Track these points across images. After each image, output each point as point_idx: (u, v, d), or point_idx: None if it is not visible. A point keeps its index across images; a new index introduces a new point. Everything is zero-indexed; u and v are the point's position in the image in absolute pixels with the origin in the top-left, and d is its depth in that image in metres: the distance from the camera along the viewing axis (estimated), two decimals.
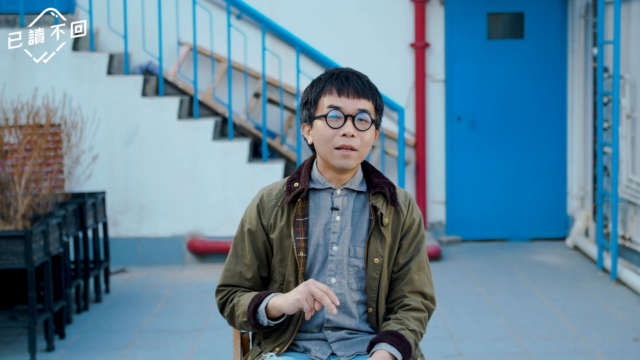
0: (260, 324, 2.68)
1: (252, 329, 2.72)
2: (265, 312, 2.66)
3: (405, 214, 2.76)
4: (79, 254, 6.00)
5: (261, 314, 2.67)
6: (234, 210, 7.38)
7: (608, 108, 7.14)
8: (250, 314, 2.67)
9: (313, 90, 2.72)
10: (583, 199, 8.09)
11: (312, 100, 2.71)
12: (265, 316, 2.66)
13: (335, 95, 2.68)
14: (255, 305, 2.67)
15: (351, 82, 2.68)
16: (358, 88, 2.68)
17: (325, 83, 2.70)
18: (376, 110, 2.73)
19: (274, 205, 2.76)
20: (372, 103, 2.71)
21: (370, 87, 2.72)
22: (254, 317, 2.67)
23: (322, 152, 2.71)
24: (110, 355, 5.13)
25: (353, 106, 2.67)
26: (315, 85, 2.72)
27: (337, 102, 2.67)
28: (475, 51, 8.14)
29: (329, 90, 2.69)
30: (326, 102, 2.68)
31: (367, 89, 2.70)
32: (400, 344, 2.61)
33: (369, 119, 2.69)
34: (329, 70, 2.75)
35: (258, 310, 2.67)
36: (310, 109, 2.72)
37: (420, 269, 2.76)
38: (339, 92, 2.67)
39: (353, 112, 2.67)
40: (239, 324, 2.75)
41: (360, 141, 2.68)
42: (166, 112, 7.41)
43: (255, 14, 7.74)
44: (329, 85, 2.69)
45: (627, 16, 6.88)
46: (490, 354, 5.05)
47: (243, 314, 2.71)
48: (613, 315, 5.77)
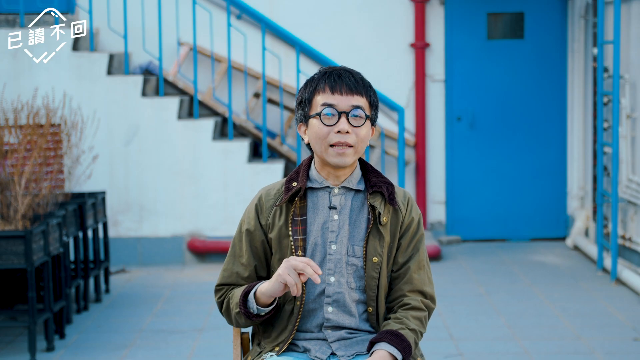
0: (251, 312, 2.68)
1: (244, 320, 2.71)
2: (254, 299, 2.66)
3: (404, 213, 2.76)
4: (79, 254, 5.99)
5: (251, 301, 2.67)
6: (234, 210, 7.38)
7: (608, 108, 7.14)
8: (241, 303, 2.67)
9: (307, 90, 2.73)
10: (583, 199, 8.09)
11: (306, 100, 2.72)
12: (255, 303, 2.66)
13: (329, 93, 2.68)
14: (245, 294, 2.68)
15: (344, 79, 2.69)
16: (351, 84, 2.69)
17: (318, 82, 2.71)
18: (370, 106, 2.73)
19: (272, 205, 2.76)
20: (366, 99, 2.71)
21: (364, 83, 2.72)
22: (245, 306, 2.68)
23: (318, 150, 2.71)
24: (110, 355, 5.13)
25: (346, 103, 2.68)
26: (309, 85, 2.73)
27: (331, 100, 2.68)
28: (475, 51, 8.14)
29: (322, 89, 2.69)
30: (320, 101, 2.69)
31: (360, 85, 2.70)
32: (399, 344, 2.61)
33: (363, 115, 2.69)
34: (322, 68, 2.75)
35: (248, 298, 2.68)
36: (305, 108, 2.73)
37: (420, 268, 2.76)
38: (332, 90, 2.68)
39: (347, 109, 2.68)
40: (234, 318, 2.75)
41: (356, 137, 2.68)
42: (166, 112, 7.41)
43: (255, 14, 7.75)
44: (322, 84, 2.70)
45: (627, 16, 6.88)
46: (490, 354, 5.05)
47: (236, 305, 2.71)
48: (613, 315, 5.77)
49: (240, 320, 2.73)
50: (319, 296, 2.72)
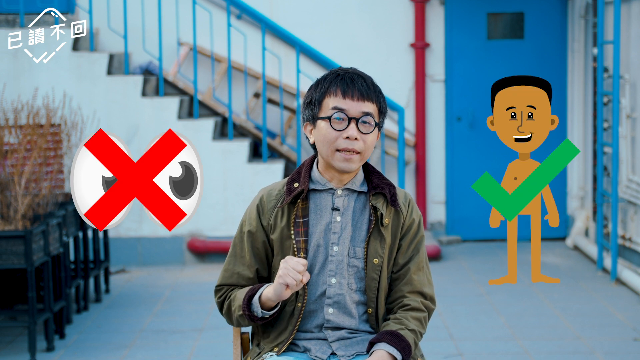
0: (255, 315, 2.67)
1: (247, 322, 2.71)
2: (259, 302, 2.66)
3: (405, 215, 2.76)
4: (79, 254, 5.99)
5: (255, 305, 2.67)
6: (234, 210, 7.39)
7: (608, 108, 7.14)
8: (245, 306, 2.67)
9: (317, 90, 2.69)
10: (583, 199, 8.09)
11: (316, 100, 2.69)
12: (260, 307, 2.66)
13: (340, 97, 2.66)
14: (249, 297, 2.68)
15: (356, 84, 2.66)
16: (363, 90, 2.66)
17: (330, 84, 2.67)
18: (380, 113, 2.72)
19: (274, 206, 2.76)
20: (376, 105, 2.70)
21: (375, 89, 2.70)
22: (249, 309, 2.67)
23: (324, 153, 2.70)
24: (110, 355, 5.13)
25: (357, 109, 2.66)
26: (320, 85, 2.69)
27: (342, 104, 2.65)
28: (475, 51, 8.14)
29: (334, 92, 2.66)
30: (330, 104, 2.66)
31: (372, 92, 2.68)
32: (399, 344, 2.62)
33: (372, 122, 2.68)
34: (334, 70, 2.72)
35: (252, 301, 2.67)
36: (314, 109, 2.70)
37: (420, 269, 2.76)
38: (343, 94, 2.65)
39: (357, 115, 2.66)
40: (236, 319, 2.75)
41: (363, 144, 2.67)
42: (166, 112, 7.41)
43: (255, 14, 7.75)
44: (334, 87, 2.67)
45: (627, 16, 6.88)
46: (490, 354, 5.05)
47: (238, 307, 2.71)
48: (613, 315, 5.77)
49: (243, 322, 2.74)
50: (320, 297, 2.72)
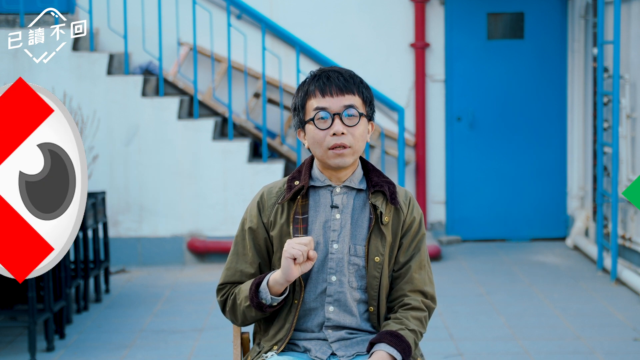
0: (264, 303, 2.67)
1: (255, 313, 2.70)
2: (267, 288, 2.66)
3: (405, 213, 2.76)
4: (79, 254, 5.99)
5: (263, 291, 2.67)
6: (234, 210, 7.38)
7: (608, 108, 7.14)
8: (253, 294, 2.67)
9: (299, 96, 2.73)
10: (583, 199, 8.09)
11: (299, 105, 2.72)
12: (269, 292, 2.66)
13: (320, 97, 2.68)
14: (256, 285, 2.68)
15: (333, 81, 2.68)
16: (340, 85, 2.68)
17: (309, 86, 2.71)
18: (364, 103, 2.72)
19: (274, 203, 2.76)
20: (359, 96, 2.71)
21: (354, 80, 2.71)
22: (257, 296, 2.67)
23: (319, 155, 2.72)
24: (110, 355, 5.13)
25: (338, 104, 2.68)
26: (300, 90, 2.73)
27: (322, 103, 2.68)
28: (475, 51, 8.14)
29: (313, 93, 2.69)
30: (312, 105, 2.69)
31: (351, 84, 2.69)
32: (399, 344, 2.62)
33: (356, 114, 2.69)
34: (312, 72, 2.75)
35: (260, 288, 2.67)
36: (300, 115, 2.73)
37: (421, 268, 2.76)
38: (322, 93, 2.68)
39: (339, 110, 2.68)
40: (242, 313, 2.73)
41: (352, 137, 2.68)
42: (166, 112, 7.41)
43: (255, 14, 7.75)
44: (312, 88, 2.70)
45: (627, 16, 6.88)
46: (490, 354, 5.05)
47: (245, 298, 2.70)
48: (613, 315, 5.77)
49: (250, 313, 2.72)
50: (320, 295, 2.72)
